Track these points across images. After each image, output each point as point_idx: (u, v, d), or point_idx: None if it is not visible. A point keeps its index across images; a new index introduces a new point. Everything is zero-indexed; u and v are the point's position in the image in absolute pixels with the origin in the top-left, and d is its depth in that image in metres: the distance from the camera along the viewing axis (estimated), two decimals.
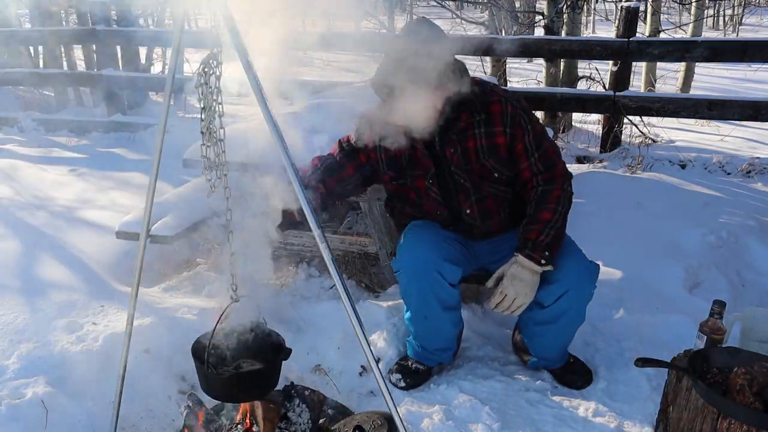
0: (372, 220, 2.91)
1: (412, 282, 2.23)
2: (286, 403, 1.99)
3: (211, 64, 1.57)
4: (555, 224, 2.16)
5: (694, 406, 1.79)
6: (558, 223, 2.17)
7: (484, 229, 2.35)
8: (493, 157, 2.21)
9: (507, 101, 2.21)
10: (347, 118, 2.95)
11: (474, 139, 2.20)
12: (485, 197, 2.27)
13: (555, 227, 2.16)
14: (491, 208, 2.29)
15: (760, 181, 4.42)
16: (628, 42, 4.61)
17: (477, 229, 2.34)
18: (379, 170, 2.35)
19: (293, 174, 1.62)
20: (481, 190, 2.25)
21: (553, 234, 2.15)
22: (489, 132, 2.19)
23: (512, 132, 2.19)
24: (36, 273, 2.86)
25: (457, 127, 2.19)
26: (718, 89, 8.49)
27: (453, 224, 2.36)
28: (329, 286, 3.05)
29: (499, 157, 2.21)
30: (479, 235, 2.37)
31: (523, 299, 2.15)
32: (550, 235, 2.14)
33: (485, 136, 2.19)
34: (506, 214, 2.33)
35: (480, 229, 2.34)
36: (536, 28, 7.31)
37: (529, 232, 2.16)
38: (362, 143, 2.31)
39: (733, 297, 2.90)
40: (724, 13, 15.71)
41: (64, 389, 2.15)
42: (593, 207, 3.84)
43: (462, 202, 2.28)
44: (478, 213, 2.29)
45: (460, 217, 2.33)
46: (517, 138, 2.20)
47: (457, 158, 2.22)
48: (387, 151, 2.27)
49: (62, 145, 5.95)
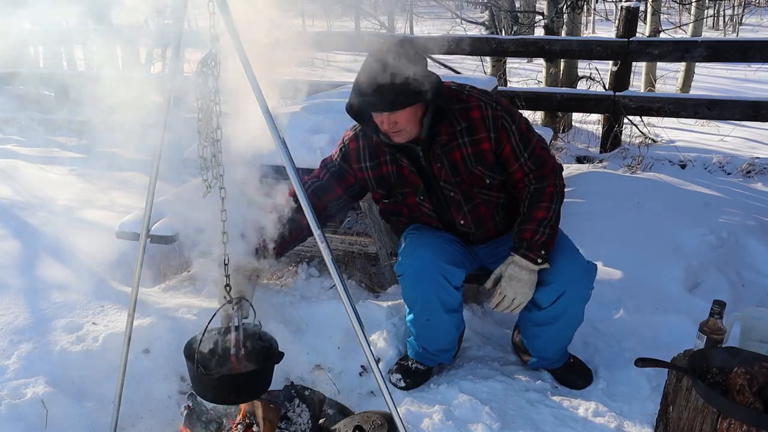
0: (372, 220, 2.91)
1: (416, 286, 2.23)
2: (286, 403, 1.99)
3: (209, 64, 1.57)
4: (549, 221, 2.16)
5: (694, 406, 1.79)
6: (552, 221, 2.17)
7: (481, 236, 2.35)
8: (481, 164, 2.18)
9: (486, 105, 2.15)
10: (347, 117, 2.96)
11: (459, 149, 2.16)
12: (477, 206, 2.26)
13: (549, 224, 2.16)
14: (484, 215, 2.29)
15: (760, 181, 4.42)
16: (628, 42, 4.61)
17: (473, 236, 2.35)
18: (368, 188, 2.35)
19: (294, 174, 1.62)
20: (473, 199, 2.24)
21: (548, 232, 2.15)
22: (473, 140, 2.16)
23: (497, 137, 2.15)
24: (36, 273, 2.85)
25: (439, 141, 2.15)
26: (718, 89, 8.49)
27: (450, 231, 2.36)
28: (329, 286, 3.05)
29: (487, 164, 2.19)
30: (476, 241, 2.37)
31: (522, 298, 2.15)
32: (545, 233, 2.14)
33: (470, 145, 2.16)
34: (501, 218, 2.33)
35: (476, 236, 2.35)
36: (536, 28, 7.32)
37: (524, 231, 2.16)
38: (348, 165, 2.30)
39: (733, 297, 2.90)
40: (724, 13, 15.72)
41: (64, 389, 2.15)
42: (593, 207, 3.84)
43: (454, 214, 2.28)
44: (472, 222, 2.29)
45: (455, 228, 2.33)
46: (503, 141, 2.16)
47: (444, 172, 2.19)
48: (374, 171, 2.26)
49: (62, 145, 5.95)
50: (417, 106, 2.05)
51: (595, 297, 2.26)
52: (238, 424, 2.00)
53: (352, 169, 2.30)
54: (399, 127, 2.06)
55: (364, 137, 2.26)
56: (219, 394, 1.82)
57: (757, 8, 16.33)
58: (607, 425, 2.15)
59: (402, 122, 2.05)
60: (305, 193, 1.72)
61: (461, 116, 2.14)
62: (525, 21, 7.20)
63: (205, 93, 1.59)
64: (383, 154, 2.23)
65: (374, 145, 2.24)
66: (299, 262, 3.27)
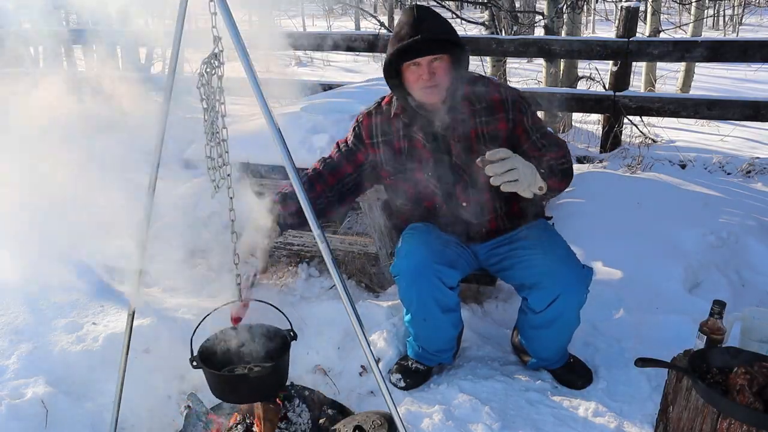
0: (372, 220, 2.91)
1: (411, 286, 2.23)
2: (286, 403, 1.99)
3: (212, 64, 1.57)
4: (562, 163, 2.12)
5: (694, 406, 1.79)
6: (565, 165, 2.13)
7: (481, 227, 2.34)
8: (494, 143, 2.19)
9: (506, 90, 2.27)
10: (347, 117, 2.96)
11: (475, 128, 2.22)
12: (481, 189, 2.26)
13: (561, 163, 2.11)
14: (487, 201, 2.29)
15: (760, 181, 4.42)
16: (628, 42, 4.61)
17: (474, 228, 2.34)
18: (378, 167, 2.36)
19: (293, 173, 1.62)
20: (478, 181, 2.25)
21: (558, 167, 2.08)
22: (490, 120, 2.22)
23: (514, 117, 2.22)
24: (36, 273, 2.85)
25: (458, 117, 2.21)
26: (718, 89, 8.49)
27: (450, 225, 2.35)
28: (329, 286, 3.05)
29: (500, 144, 2.18)
30: (477, 235, 2.36)
31: (518, 175, 1.92)
32: (552, 163, 2.08)
33: (486, 124, 2.22)
34: (502, 210, 2.33)
35: (476, 228, 2.34)
36: (536, 28, 7.32)
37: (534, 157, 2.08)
38: (360, 142, 2.33)
39: (733, 297, 2.90)
40: (724, 13, 15.71)
41: (64, 389, 2.15)
42: (593, 207, 3.84)
43: (459, 194, 2.29)
44: (474, 206, 2.29)
45: (456, 213, 2.32)
46: (518, 123, 2.22)
47: (458, 149, 2.23)
48: (386, 146, 2.30)
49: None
50: (451, 64, 2.13)
51: (595, 297, 2.26)
52: (238, 424, 2.00)
53: (365, 146, 2.33)
54: (436, 80, 2.11)
55: (378, 114, 2.32)
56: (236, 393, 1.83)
57: (757, 8, 16.34)
58: (607, 425, 2.15)
59: (439, 74, 2.11)
60: (305, 194, 1.71)
61: (482, 96, 2.22)
62: (525, 21, 7.20)
63: (209, 93, 1.59)
64: (397, 129, 2.28)
65: (388, 120, 2.29)
66: (299, 262, 3.27)
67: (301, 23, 16.87)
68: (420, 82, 2.12)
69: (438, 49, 2.09)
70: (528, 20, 7.21)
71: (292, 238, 3.13)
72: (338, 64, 12.44)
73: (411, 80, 2.15)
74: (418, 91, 2.16)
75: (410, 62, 2.11)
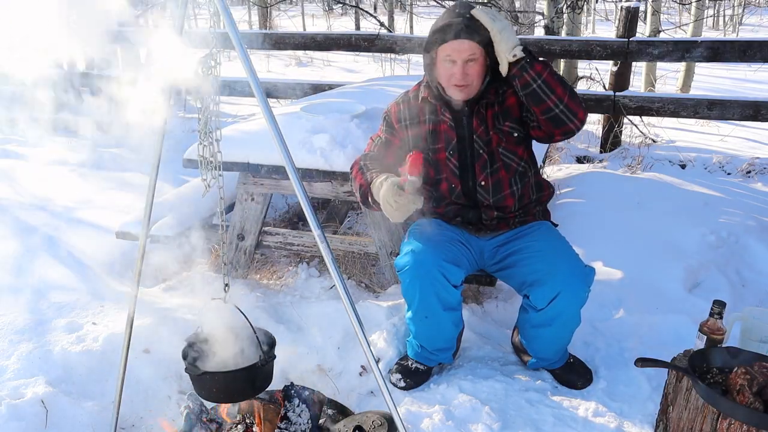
0: (372, 220, 2.91)
1: (414, 282, 2.23)
2: (286, 403, 1.99)
3: (208, 64, 1.57)
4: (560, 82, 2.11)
5: (694, 406, 1.79)
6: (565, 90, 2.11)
7: (492, 217, 2.35)
8: (508, 119, 2.28)
9: None
10: (347, 117, 2.96)
11: (491, 107, 2.28)
12: (498, 168, 2.31)
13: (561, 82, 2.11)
14: (503, 179, 2.32)
15: (760, 181, 4.42)
16: (628, 42, 4.61)
17: (486, 213, 2.34)
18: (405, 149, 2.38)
19: (293, 173, 1.62)
20: (496, 160, 2.31)
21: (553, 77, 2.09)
22: (502, 97, 2.28)
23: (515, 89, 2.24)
24: (36, 273, 2.86)
25: (484, 101, 2.26)
26: (718, 89, 8.48)
27: (462, 213, 2.37)
28: (329, 286, 3.05)
29: (513, 117, 2.28)
30: (489, 224, 2.37)
31: (504, 26, 2.08)
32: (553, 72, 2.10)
33: (498, 104, 2.28)
34: (518, 191, 2.35)
35: (489, 213, 2.35)
36: (536, 28, 7.31)
37: None
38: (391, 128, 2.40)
39: (733, 297, 2.90)
40: (724, 13, 15.70)
41: (64, 389, 2.15)
42: (593, 207, 3.84)
43: (478, 173, 2.33)
44: (491, 184, 2.32)
45: (473, 197, 2.34)
46: None
47: (481, 129, 2.29)
48: (414, 127, 2.37)
49: (63, 144, 5.95)
50: (485, 64, 2.17)
51: (595, 297, 2.26)
52: (238, 424, 2.00)
53: (395, 131, 2.40)
54: (468, 80, 2.17)
55: (405, 101, 2.40)
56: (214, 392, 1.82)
57: (757, 8, 16.35)
58: (607, 425, 2.15)
59: (472, 75, 2.16)
60: (306, 194, 1.71)
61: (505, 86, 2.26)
62: (525, 21, 7.19)
63: (205, 93, 1.59)
64: (423, 114, 2.35)
65: (416, 105, 2.36)
66: (299, 262, 3.27)
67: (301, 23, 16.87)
68: (452, 79, 2.18)
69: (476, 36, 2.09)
70: (528, 20, 7.21)
71: (292, 238, 3.13)
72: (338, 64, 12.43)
73: (443, 75, 2.20)
74: (448, 87, 2.22)
75: (447, 56, 2.15)
